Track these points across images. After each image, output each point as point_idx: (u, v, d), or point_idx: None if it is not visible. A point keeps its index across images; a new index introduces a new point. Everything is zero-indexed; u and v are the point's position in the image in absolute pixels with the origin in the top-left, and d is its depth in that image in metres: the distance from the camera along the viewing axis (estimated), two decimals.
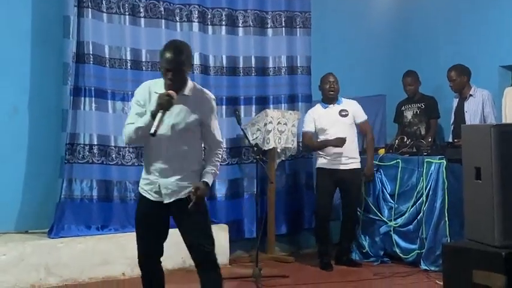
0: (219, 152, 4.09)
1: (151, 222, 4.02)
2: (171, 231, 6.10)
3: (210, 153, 4.07)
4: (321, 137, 6.40)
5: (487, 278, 3.87)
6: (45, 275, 5.60)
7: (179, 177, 3.93)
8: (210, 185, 4.05)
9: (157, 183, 3.94)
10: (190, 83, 3.95)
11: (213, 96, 4.06)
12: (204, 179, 3.96)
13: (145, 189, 4.01)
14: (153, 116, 3.73)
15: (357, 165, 6.40)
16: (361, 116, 6.50)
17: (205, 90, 4.08)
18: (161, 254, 4.11)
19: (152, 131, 3.70)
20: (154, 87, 3.92)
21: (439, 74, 7.04)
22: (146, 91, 3.94)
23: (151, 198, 3.98)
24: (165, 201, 3.95)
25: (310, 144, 6.51)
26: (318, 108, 6.52)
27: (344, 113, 6.42)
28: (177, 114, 3.87)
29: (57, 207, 5.90)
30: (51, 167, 6.10)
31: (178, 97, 3.82)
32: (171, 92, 3.77)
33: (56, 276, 5.65)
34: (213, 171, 4.03)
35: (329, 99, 6.45)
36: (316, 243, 6.54)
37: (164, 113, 3.74)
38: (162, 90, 3.83)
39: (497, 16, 6.88)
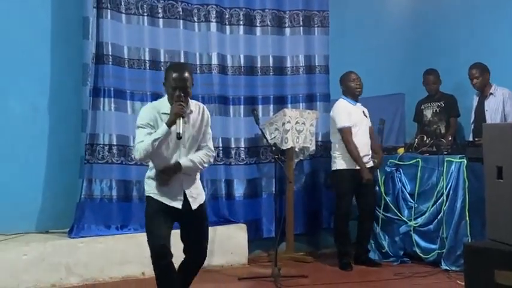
0: (208, 153, 4.38)
1: (164, 220, 4.22)
2: None
3: (203, 153, 4.36)
4: None
5: (510, 278, 3.84)
6: (65, 274, 5.63)
7: (195, 184, 4.37)
8: (182, 167, 4.24)
9: (181, 192, 4.26)
10: (188, 100, 4.27)
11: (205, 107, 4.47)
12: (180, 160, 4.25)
13: (162, 194, 4.25)
14: (169, 126, 4.08)
15: (372, 164, 6.43)
16: (369, 121, 6.56)
17: (198, 102, 4.46)
18: (172, 254, 4.25)
19: (179, 131, 4.05)
20: (160, 108, 4.23)
21: (458, 72, 7.01)
22: (154, 113, 4.21)
23: (170, 204, 4.24)
24: (193, 208, 4.28)
25: (351, 145, 6.26)
26: (346, 103, 6.46)
27: (366, 114, 6.47)
28: (187, 128, 4.22)
29: (77, 207, 5.93)
30: (71, 167, 6.13)
31: (186, 116, 4.19)
32: (181, 102, 4.11)
33: (76, 276, 5.68)
34: (193, 160, 4.27)
35: (356, 96, 6.44)
36: (335, 243, 6.51)
37: (182, 119, 4.09)
38: (169, 111, 4.15)
39: None
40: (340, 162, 6.36)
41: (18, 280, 5.41)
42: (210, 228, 6.10)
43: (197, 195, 4.35)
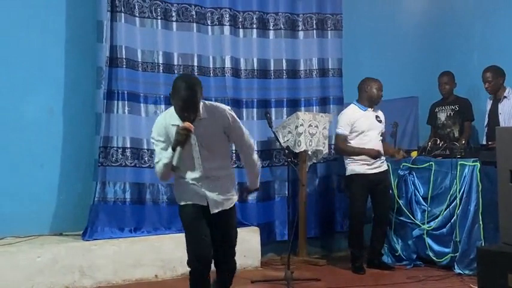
0: (252, 153, 4.30)
1: (202, 223, 4.10)
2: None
3: (247, 156, 4.30)
4: (356, 140, 6.32)
5: None
6: (79, 277, 5.66)
7: (221, 189, 4.17)
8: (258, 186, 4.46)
9: (204, 196, 4.13)
10: (201, 105, 4.04)
11: (226, 108, 4.21)
12: (254, 186, 4.39)
13: (192, 199, 4.14)
14: (174, 149, 3.93)
15: (386, 167, 6.43)
16: (383, 128, 6.54)
17: (216, 105, 4.25)
18: (212, 259, 4.15)
19: (174, 162, 3.94)
20: (170, 119, 4.05)
21: (472, 76, 6.99)
22: (162, 127, 4.07)
23: (200, 204, 4.12)
24: (212, 212, 4.13)
25: (344, 148, 6.38)
26: (355, 110, 6.41)
27: (379, 119, 6.42)
28: (201, 136, 4.04)
29: (91, 210, 5.96)
30: (85, 170, 6.18)
31: (196, 123, 3.97)
32: (187, 125, 3.88)
33: (89, 278, 5.71)
34: (256, 173, 4.34)
35: (374, 104, 6.42)
36: (349, 247, 6.50)
37: (183, 146, 3.92)
38: (178, 122, 3.96)
39: None
40: (350, 168, 6.36)
41: (32, 282, 5.45)
42: None
43: (222, 200, 4.18)
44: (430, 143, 6.58)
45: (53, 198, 6.11)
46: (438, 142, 6.50)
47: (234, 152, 6.65)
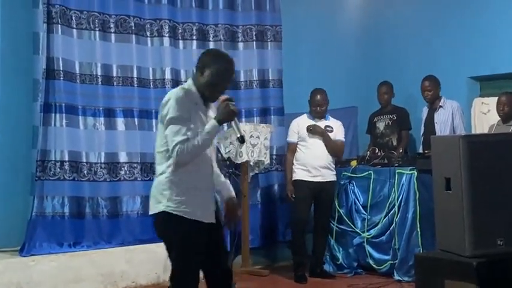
0: None
1: (202, 251, 3.54)
2: (146, 246, 6.05)
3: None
4: (300, 147, 6.46)
5: None
6: None
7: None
8: None
9: (212, 201, 3.63)
10: None
11: None
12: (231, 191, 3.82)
13: (194, 210, 3.50)
14: (221, 123, 3.56)
15: (333, 178, 6.50)
16: (341, 136, 6.64)
17: None
18: None
19: (239, 135, 3.55)
20: (192, 97, 3.60)
21: (409, 85, 7.13)
22: (187, 102, 3.53)
23: (204, 221, 3.53)
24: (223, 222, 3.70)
25: (286, 160, 6.59)
26: (304, 118, 6.59)
27: (329, 129, 6.53)
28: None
29: (28, 225, 5.81)
30: (21, 184, 6.02)
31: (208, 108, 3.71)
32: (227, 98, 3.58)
33: None
34: None
35: (317, 114, 6.54)
36: (292, 255, 6.55)
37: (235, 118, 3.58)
38: (200, 102, 3.61)
39: (465, 28, 6.99)
40: (297, 173, 6.46)
41: None
42: (159, 244, 6.11)
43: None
44: (369, 152, 6.69)
45: None
46: (377, 151, 6.61)
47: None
